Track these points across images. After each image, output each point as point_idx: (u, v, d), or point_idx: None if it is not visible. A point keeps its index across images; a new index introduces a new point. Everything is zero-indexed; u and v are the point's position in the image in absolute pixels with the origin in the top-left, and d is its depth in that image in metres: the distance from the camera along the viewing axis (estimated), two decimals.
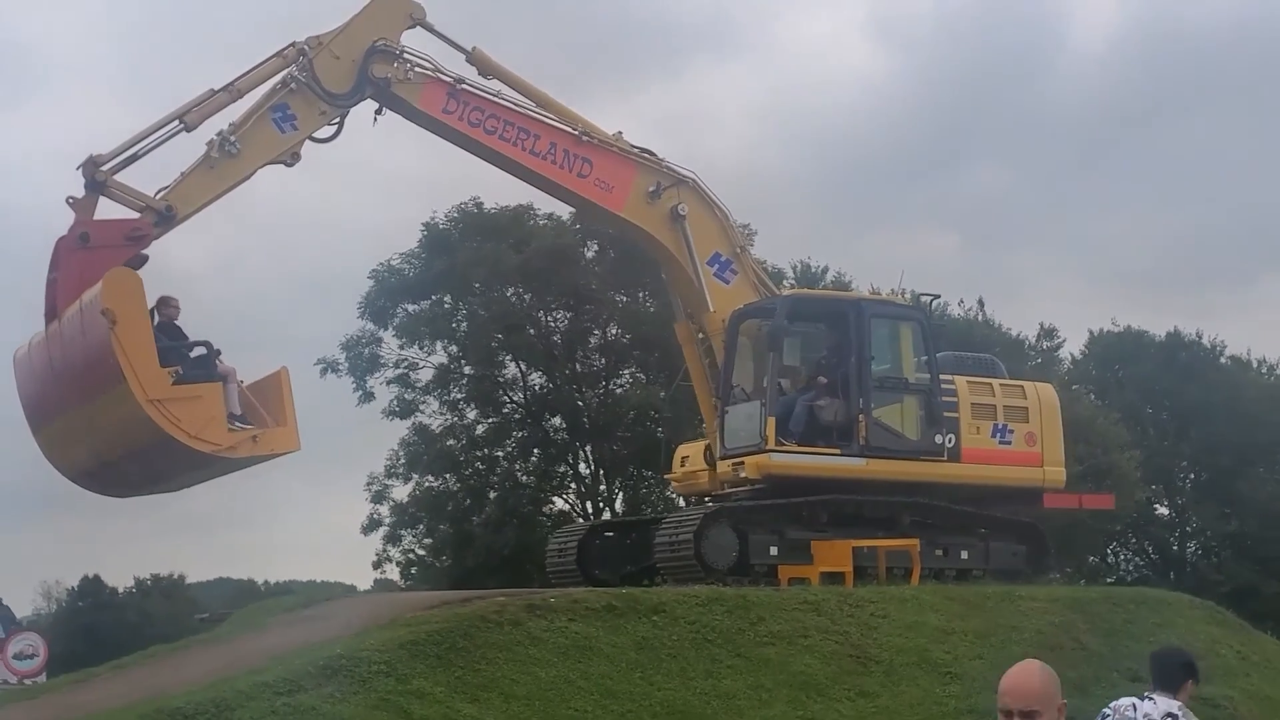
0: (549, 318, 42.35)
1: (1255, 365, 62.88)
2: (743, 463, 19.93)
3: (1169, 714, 7.27)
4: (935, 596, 17.88)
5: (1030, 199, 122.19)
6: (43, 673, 29.59)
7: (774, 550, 19.36)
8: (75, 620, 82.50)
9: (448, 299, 41.54)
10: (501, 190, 40.57)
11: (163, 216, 17.16)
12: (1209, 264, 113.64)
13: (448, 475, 41.87)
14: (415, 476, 42.12)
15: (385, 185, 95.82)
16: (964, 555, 20.71)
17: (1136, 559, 61.24)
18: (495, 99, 19.86)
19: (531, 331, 41.63)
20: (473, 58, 20.01)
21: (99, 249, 16.46)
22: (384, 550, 42.24)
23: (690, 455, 21.71)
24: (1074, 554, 46.39)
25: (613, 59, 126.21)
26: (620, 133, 20.91)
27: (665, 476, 24.07)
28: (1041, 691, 4.97)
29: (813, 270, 47.15)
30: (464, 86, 19.61)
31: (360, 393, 41.28)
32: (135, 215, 17.08)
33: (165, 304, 16.85)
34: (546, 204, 43.22)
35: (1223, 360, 60.19)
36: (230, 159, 17.66)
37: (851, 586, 18.55)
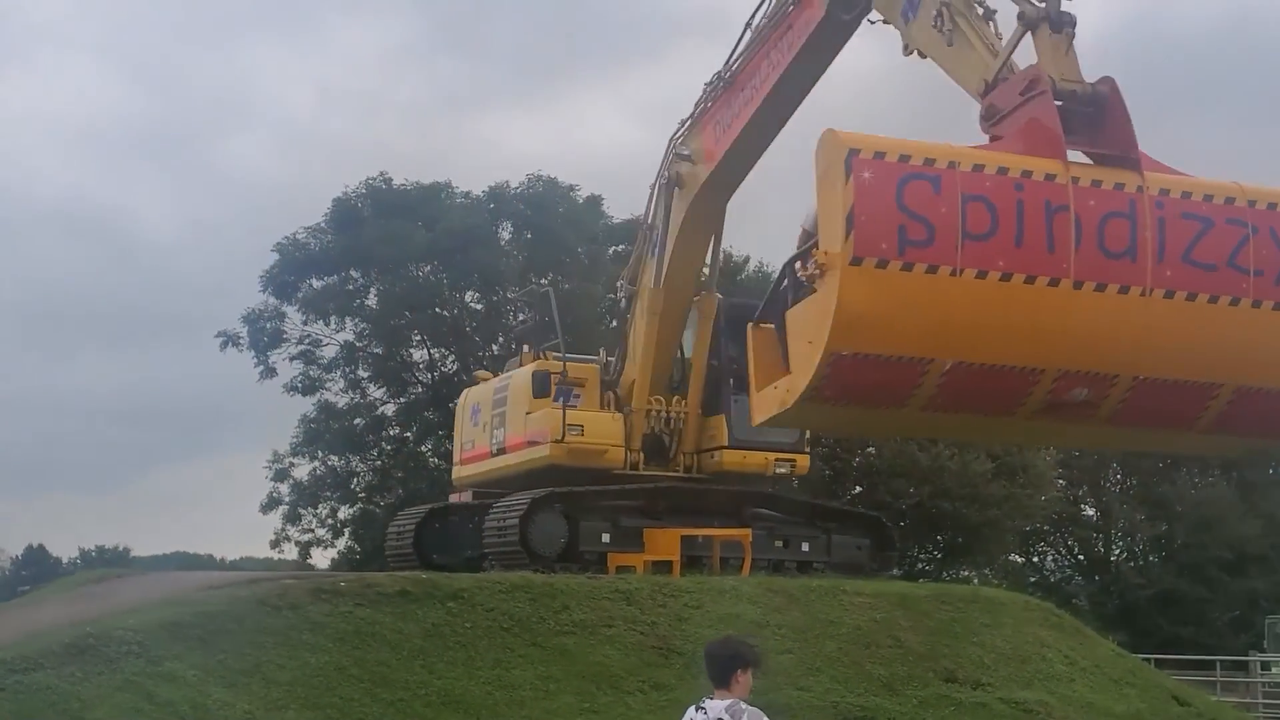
0: (461, 298, 41.79)
1: None
2: (792, 460, 20.93)
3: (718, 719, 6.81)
4: (756, 588, 17.49)
5: None
6: None
7: (606, 538, 19.04)
8: (12, 588, 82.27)
9: (356, 275, 40.89)
10: (413, 166, 40.12)
11: None
12: None
13: (351, 455, 41.29)
14: (321, 454, 41.50)
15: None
16: (805, 547, 20.38)
17: (1064, 560, 61.25)
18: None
19: (443, 312, 41.08)
20: None
21: None
22: (283, 529, 41.65)
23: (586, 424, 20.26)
24: (987, 552, 46.19)
25: (600, 44, 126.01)
26: None
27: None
28: None
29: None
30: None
31: (262, 368, 40.68)
32: None
33: None
34: (462, 182, 42.90)
35: None
36: None
37: (679, 576, 18.19)
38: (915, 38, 15.23)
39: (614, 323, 25.53)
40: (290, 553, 42.05)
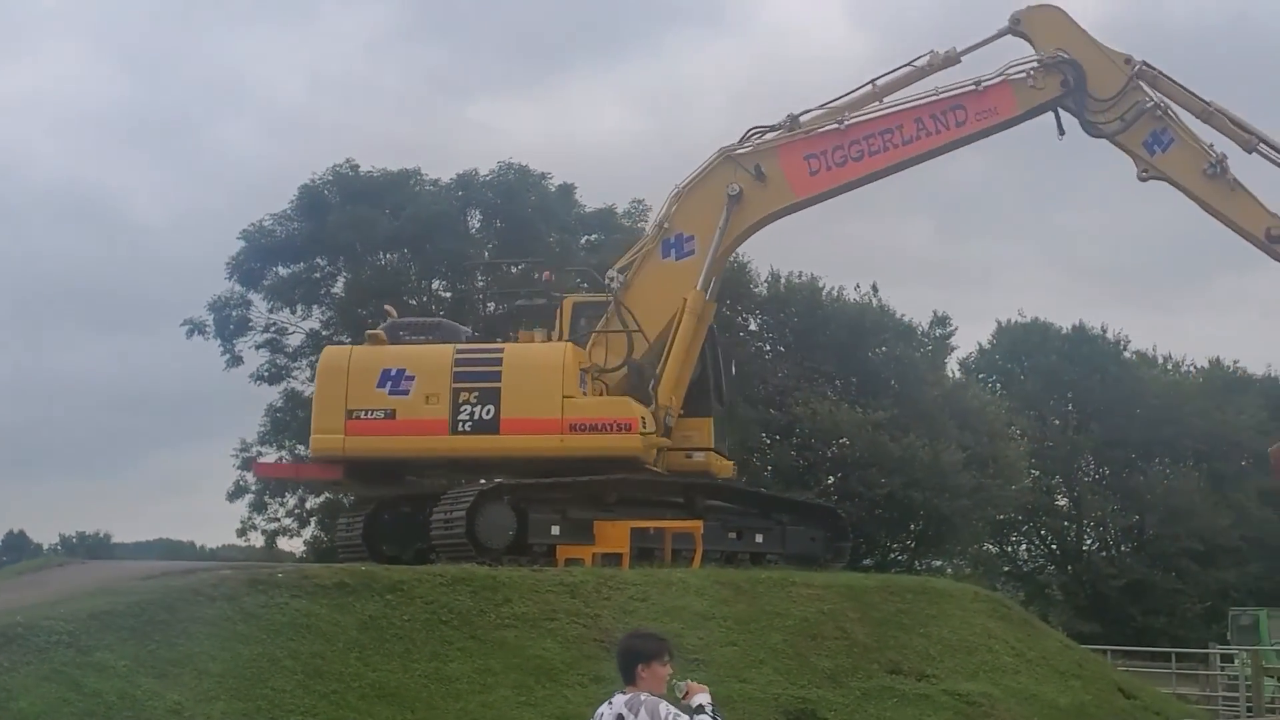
0: (429, 286, 41.60)
1: (1160, 361, 63.14)
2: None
3: (619, 715, 6.72)
4: (704, 580, 17.43)
5: (1003, 188, 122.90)
6: None
7: (556, 530, 18.90)
8: None
9: (322, 263, 40.70)
10: (381, 153, 39.99)
11: None
12: (1170, 262, 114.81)
13: None
14: (288, 443, 41.28)
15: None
16: (759, 539, 20.34)
17: (1038, 550, 61.42)
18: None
19: (410, 300, 40.87)
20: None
21: None
22: (249, 518, 41.50)
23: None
24: (959, 542, 46.26)
25: (596, 32, 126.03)
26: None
27: None
28: None
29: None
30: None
31: (228, 356, 40.47)
32: None
33: None
34: (431, 168, 42.70)
35: (1126, 355, 60.23)
36: None
37: (627, 569, 18.09)
38: (1177, 172, 20.49)
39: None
40: (258, 541, 42.03)
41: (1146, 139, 20.55)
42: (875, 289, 46.06)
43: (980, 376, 58.24)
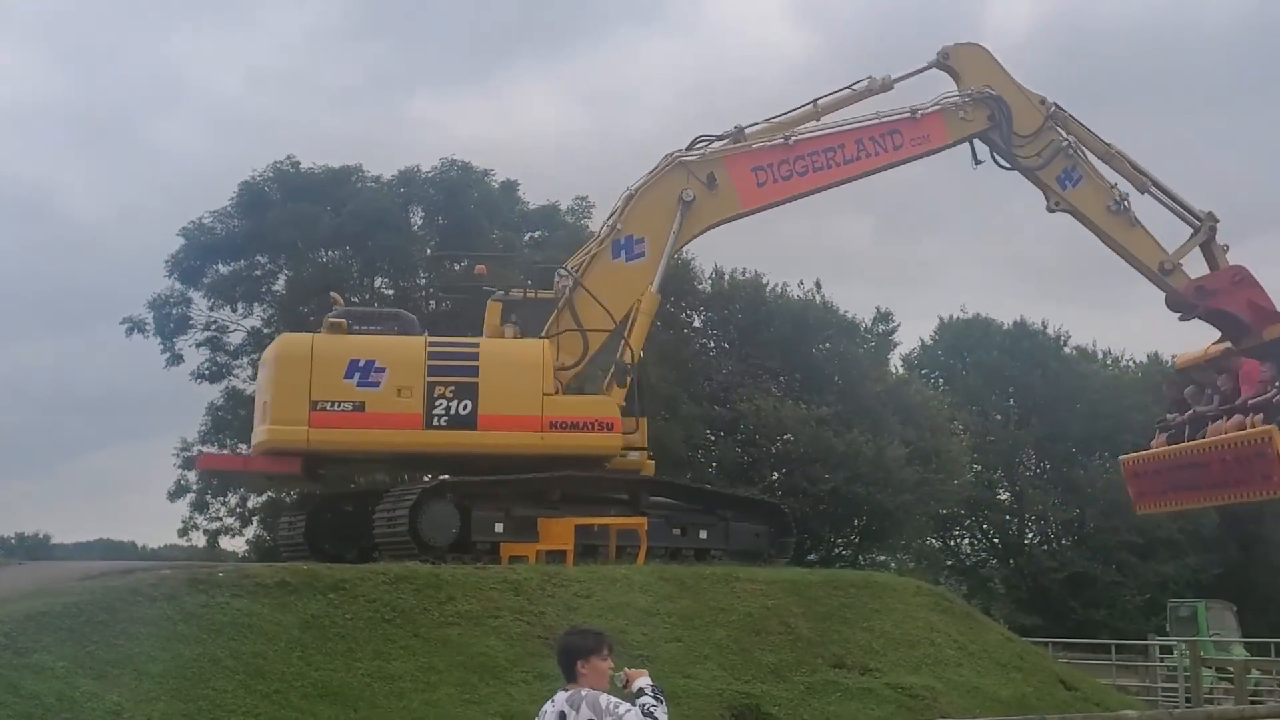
0: (371, 283, 41.33)
1: (1100, 356, 63.70)
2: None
3: (561, 713, 6.73)
4: (648, 576, 17.44)
5: (943, 186, 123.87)
6: None
7: (499, 527, 18.84)
8: None
9: (263, 260, 40.36)
10: (322, 149, 39.72)
11: None
12: (1109, 258, 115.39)
13: None
14: (230, 442, 40.91)
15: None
16: (703, 535, 20.35)
17: (980, 544, 61.82)
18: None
19: (352, 297, 40.60)
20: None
21: None
22: (190, 518, 41.08)
23: None
24: (902, 536, 46.49)
25: (539, 28, 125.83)
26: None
27: None
28: None
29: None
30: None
31: (168, 354, 40.05)
32: None
33: None
34: (373, 165, 42.46)
35: (1067, 350, 60.75)
36: None
37: (571, 566, 18.07)
38: (1085, 207, 23.04)
39: None
40: (199, 541, 41.60)
41: (1059, 174, 23.00)
42: (819, 286, 46.28)
43: (923, 372, 58.61)
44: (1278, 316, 22.46)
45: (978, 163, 23.24)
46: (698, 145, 21.97)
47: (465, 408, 19.33)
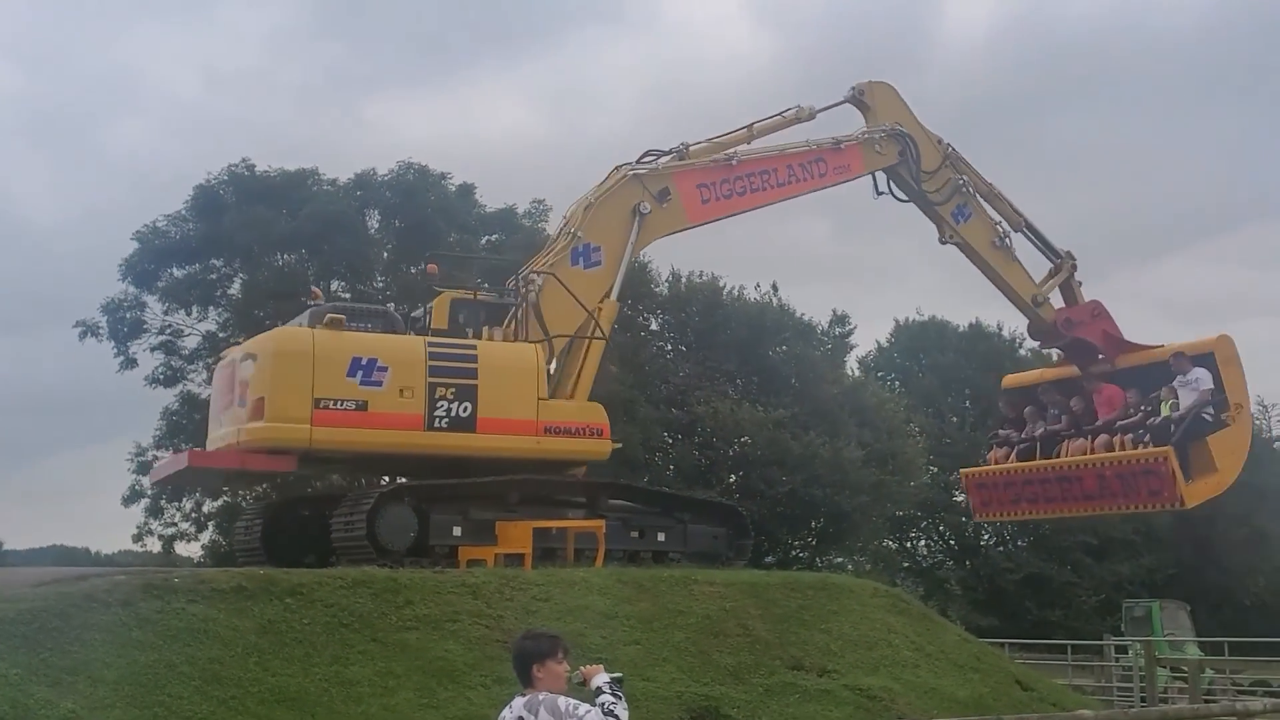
0: (327, 287, 41.10)
1: (1054, 359, 63.89)
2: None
3: (519, 718, 6.71)
4: (607, 579, 17.44)
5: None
6: None
7: (457, 531, 18.76)
8: None
9: (218, 264, 40.11)
10: (278, 151, 39.51)
11: None
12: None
13: None
14: (185, 447, 40.57)
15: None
16: (661, 537, 20.37)
17: (937, 546, 62.09)
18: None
19: (308, 301, 40.35)
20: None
21: None
22: (145, 523, 40.76)
23: None
24: (859, 538, 46.65)
25: (497, 30, 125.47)
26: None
27: None
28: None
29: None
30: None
31: (122, 359, 39.74)
32: None
33: None
34: (329, 168, 42.27)
35: (1021, 353, 61.02)
36: None
37: (530, 569, 18.04)
38: (974, 241, 25.06)
39: None
40: (155, 546, 41.34)
41: (954, 210, 24.95)
42: (775, 288, 46.46)
43: (879, 374, 58.85)
44: (1129, 346, 24.93)
45: (879, 194, 24.92)
46: (645, 160, 22.45)
47: (466, 410, 19.15)
